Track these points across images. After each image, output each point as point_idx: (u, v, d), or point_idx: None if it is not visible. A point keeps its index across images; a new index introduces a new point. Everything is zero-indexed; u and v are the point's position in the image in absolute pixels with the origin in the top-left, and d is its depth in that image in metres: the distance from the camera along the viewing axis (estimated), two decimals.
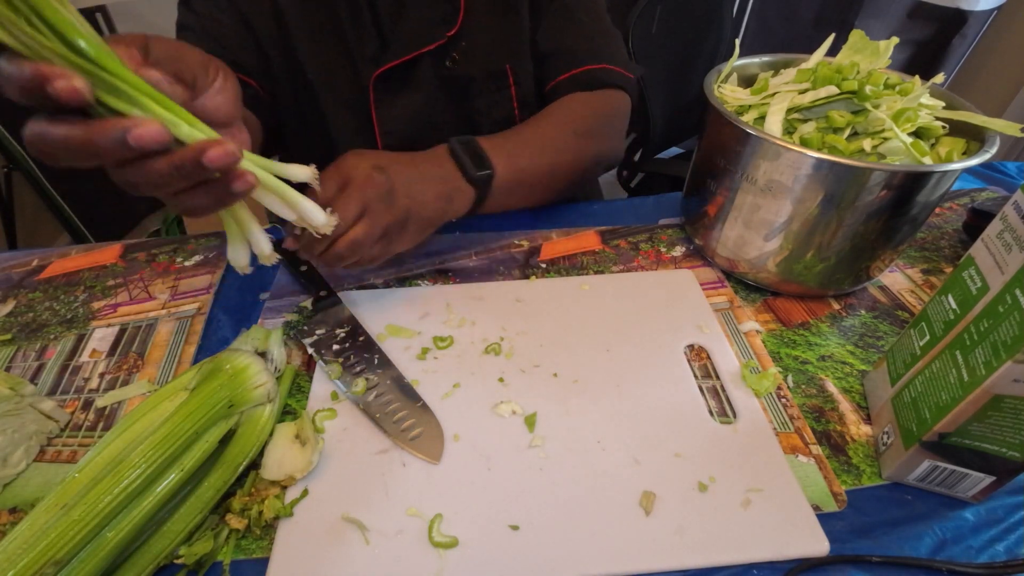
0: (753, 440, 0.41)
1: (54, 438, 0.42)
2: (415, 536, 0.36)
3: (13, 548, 0.30)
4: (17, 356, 0.49)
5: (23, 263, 0.60)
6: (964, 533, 0.37)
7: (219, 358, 0.40)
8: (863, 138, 0.46)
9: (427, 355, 0.48)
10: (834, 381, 0.46)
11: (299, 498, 0.38)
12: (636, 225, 0.64)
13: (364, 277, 0.57)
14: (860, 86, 0.46)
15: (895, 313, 0.53)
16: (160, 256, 0.60)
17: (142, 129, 0.28)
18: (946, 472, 0.37)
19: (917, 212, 0.47)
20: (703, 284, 0.55)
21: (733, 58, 0.56)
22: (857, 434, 0.42)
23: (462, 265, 0.58)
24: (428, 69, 0.64)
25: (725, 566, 0.35)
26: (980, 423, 0.33)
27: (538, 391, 0.45)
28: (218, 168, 0.31)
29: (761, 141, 0.46)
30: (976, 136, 0.47)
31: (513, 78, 0.67)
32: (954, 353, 0.35)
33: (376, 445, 0.41)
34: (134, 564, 0.33)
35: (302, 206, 0.38)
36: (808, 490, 0.38)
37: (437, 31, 0.62)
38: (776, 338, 0.50)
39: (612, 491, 0.38)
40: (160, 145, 0.29)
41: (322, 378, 0.46)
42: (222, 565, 0.35)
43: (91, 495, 0.32)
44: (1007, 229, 0.34)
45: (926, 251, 0.60)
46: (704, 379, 0.46)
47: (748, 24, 1.62)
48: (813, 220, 0.47)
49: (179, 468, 0.35)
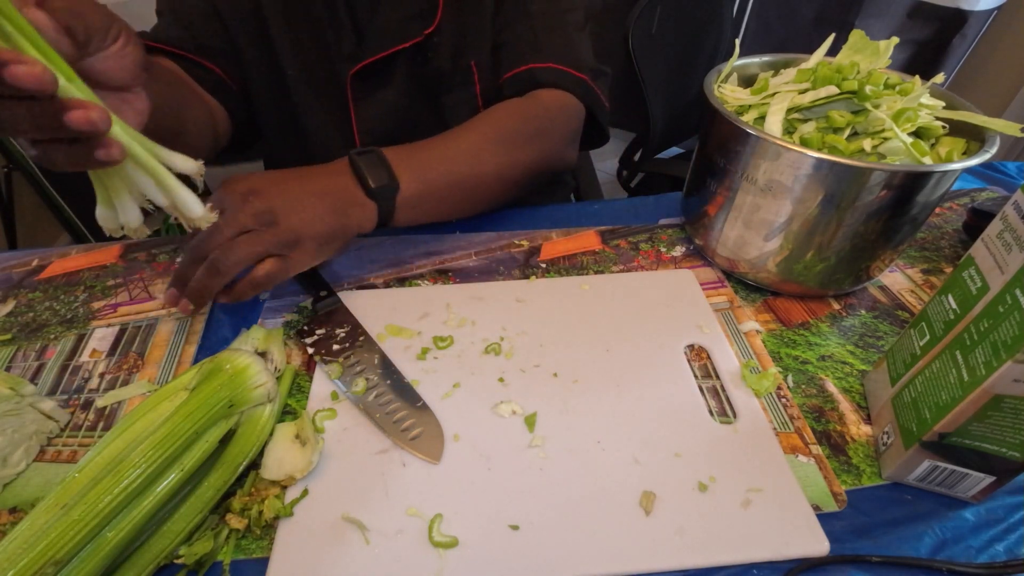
0: (753, 440, 0.41)
1: (54, 438, 0.42)
2: (415, 536, 0.36)
3: (13, 548, 0.30)
4: (17, 356, 0.49)
5: (23, 263, 0.60)
6: (964, 533, 0.37)
7: (219, 358, 0.40)
8: (863, 138, 0.46)
9: (427, 355, 0.48)
10: (834, 381, 0.46)
11: (299, 498, 0.38)
12: (636, 225, 0.64)
13: (364, 277, 0.57)
14: (860, 86, 0.46)
15: (895, 313, 0.53)
16: (160, 256, 0.60)
17: (24, 68, 0.27)
18: (946, 472, 0.37)
19: (917, 212, 0.47)
20: (703, 284, 0.55)
21: (733, 58, 0.56)
22: (857, 434, 0.42)
23: (462, 265, 0.58)
24: (404, 66, 0.64)
25: (725, 566, 0.35)
26: (980, 423, 0.33)
27: (538, 391, 0.45)
28: (79, 131, 0.30)
29: (761, 141, 0.46)
30: (976, 136, 0.47)
31: (477, 74, 0.65)
32: (954, 353, 0.35)
33: (376, 445, 0.41)
34: (134, 564, 0.33)
35: (178, 193, 0.37)
36: (808, 490, 0.38)
37: (413, 28, 0.61)
38: (776, 338, 0.50)
39: (612, 491, 0.38)
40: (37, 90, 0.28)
41: (322, 378, 0.46)
42: (222, 565, 0.35)
43: (91, 495, 0.32)
44: (1007, 229, 0.34)
45: (926, 251, 0.60)
46: (704, 379, 0.46)
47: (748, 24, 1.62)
48: (813, 220, 0.47)
49: (179, 468, 0.35)
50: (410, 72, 0.64)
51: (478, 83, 0.66)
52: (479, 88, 0.66)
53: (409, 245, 0.61)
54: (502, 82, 0.63)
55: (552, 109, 0.61)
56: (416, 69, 0.64)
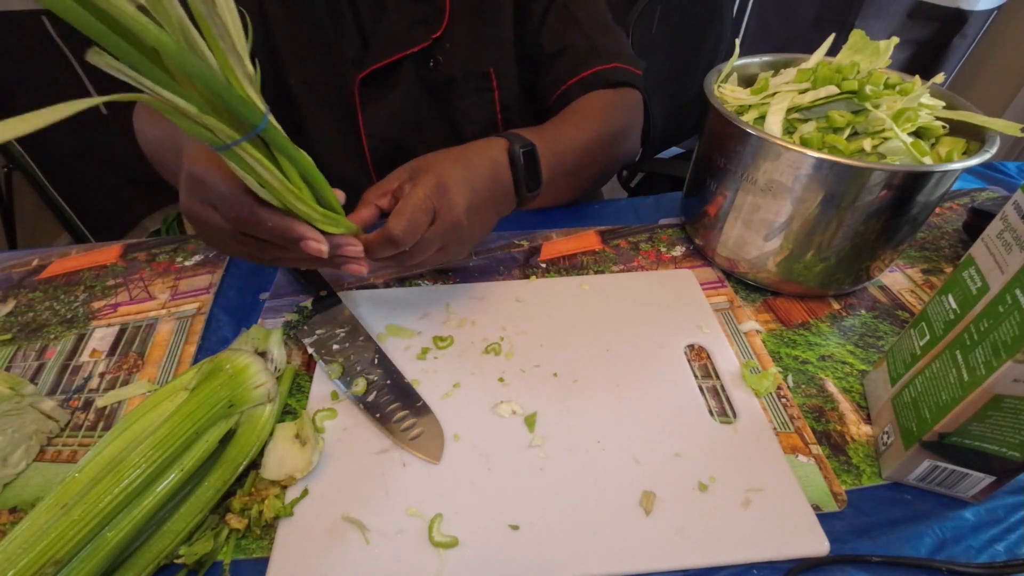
0: (753, 440, 0.41)
1: (54, 438, 0.42)
2: (415, 536, 0.36)
3: (13, 548, 0.30)
4: (17, 356, 0.49)
5: (23, 263, 0.60)
6: (964, 533, 0.37)
7: (219, 358, 0.40)
8: (863, 138, 0.46)
9: (427, 355, 0.48)
10: (834, 381, 0.46)
11: (299, 498, 0.38)
12: (636, 225, 0.64)
13: (364, 277, 0.57)
14: (860, 86, 0.46)
15: (895, 313, 0.53)
16: (160, 256, 0.60)
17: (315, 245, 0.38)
18: (946, 472, 0.37)
19: (917, 212, 0.47)
20: (703, 284, 0.55)
21: (733, 58, 0.56)
22: (857, 434, 0.42)
23: (462, 265, 0.58)
24: (411, 71, 0.64)
25: (725, 566, 0.35)
26: (980, 423, 0.33)
27: (538, 391, 0.45)
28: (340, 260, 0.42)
29: (761, 141, 0.46)
30: (976, 136, 0.47)
31: (496, 81, 0.66)
32: (954, 353, 0.35)
33: (376, 445, 0.41)
34: (134, 564, 0.33)
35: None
36: (808, 490, 0.38)
37: (419, 33, 0.62)
38: (776, 338, 0.50)
39: (612, 491, 0.38)
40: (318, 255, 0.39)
41: (322, 378, 0.46)
42: (222, 565, 0.35)
43: (91, 495, 0.32)
44: (1007, 229, 0.34)
45: (926, 251, 0.60)
46: (704, 379, 0.46)
47: (748, 24, 1.61)
48: (813, 220, 0.47)
49: (179, 468, 0.35)
50: (417, 76, 0.64)
51: (496, 90, 0.67)
52: (498, 95, 0.67)
53: None
54: (568, 86, 0.65)
55: (632, 106, 0.66)
56: (423, 73, 0.64)
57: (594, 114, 0.62)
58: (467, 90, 0.66)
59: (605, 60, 0.64)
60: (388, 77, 0.63)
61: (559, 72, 0.66)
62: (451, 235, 0.45)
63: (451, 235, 0.45)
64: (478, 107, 0.67)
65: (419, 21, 0.62)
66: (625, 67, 0.65)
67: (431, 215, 0.43)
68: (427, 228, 0.43)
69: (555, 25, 0.65)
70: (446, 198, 0.44)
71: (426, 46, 0.62)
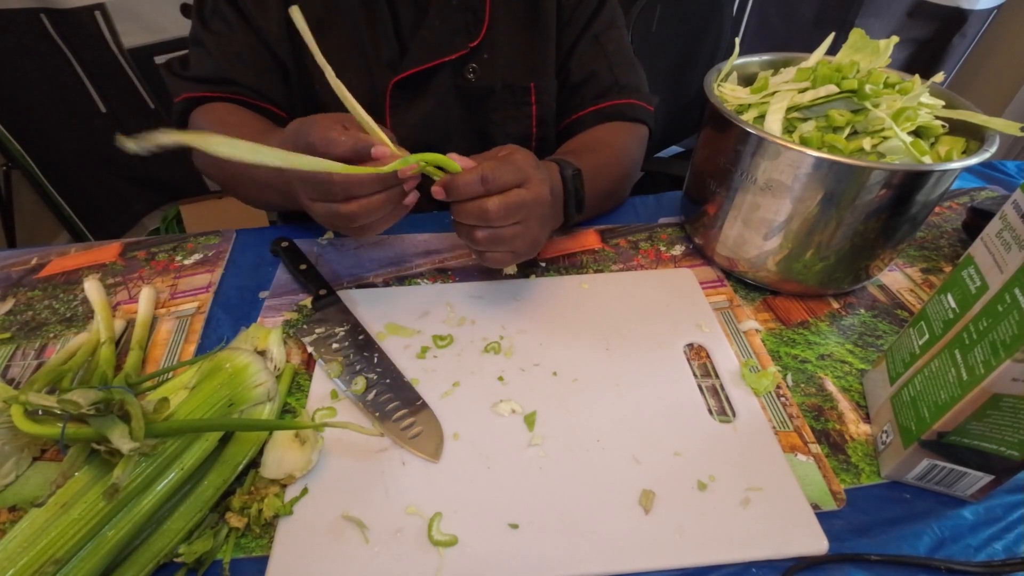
0: (752, 439, 0.41)
1: None
2: (414, 535, 0.36)
3: (13, 547, 0.30)
4: (16, 355, 0.49)
5: (22, 261, 0.60)
6: (963, 532, 0.37)
7: (219, 357, 0.40)
8: (863, 137, 0.46)
9: (427, 354, 0.48)
10: (833, 380, 0.46)
11: (298, 496, 0.38)
12: (636, 224, 0.64)
13: (364, 276, 0.57)
14: (860, 85, 0.46)
15: (894, 312, 0.53)
16: (159, 255, 0.60)
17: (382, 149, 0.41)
18: (945, 471, 0.37)
19: (917, 211, 0.47)
20: (703, 283, 0.55)
21: (733, 57, 0.56)
22: (856, 433, 0.42)
23: (462, 264, 0.58)
24: (447, 78, 0.64)
25: (724, 564, 0.35)
26: (979, 422, 0.33)
27: (538, 390, 0.45)
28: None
29: (761, 140, 0.46)
30: (976, 135, 0.47)
31: (535, 96, 0.67)
32: (953, 352, 0.35)
33: (376, 444, 0.41)
34: (134, 562, 0.33)
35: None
36: (807, 489, 0.38)
37: (459, 41, 0.62)
38: (775, 337, 0.50)
39: (611, 490, 0.38)
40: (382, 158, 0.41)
41: (322, 377, 0.46)
42: (222, 563, 0.35)
43: (91, 494, 0.32)
44: (1006, 228, 0.34)
45: (926, 250, 0.60)
46: (703, 378, 0.46)
47: (748, 23, 1.61)
48: (813, 219, 0.47)
49: (179, 467, 0.35)
50: (452, 84, 0.65)
51: (535, 104, 0.67)
52: (535, 109, 0.68)
53: (409, 244, 0.61)
54: (584, 114, 0.67)
55: (643, 141, 0.69)
56: (459, 82, 0.64)
57: (621, 147, 0.65)
58: (504, 102, 0.67)
59: (624, 96, 0.66)
60: (423, 83, 0.64)
61: (580, 99, 0.67)
62: (534, 209, 0.45)
63: (534, 209, 0.45)
64: (515, 120, 0.68)
65: (460, 29, 0.62)
66: (641, 104, 0.67)
67: (522, 177, 0.44)
68: (516, 191, 0.44)
69: (584, 54, 0.66)
70: (538, 172, 0.46)
71: (464, 54, 0.62)
